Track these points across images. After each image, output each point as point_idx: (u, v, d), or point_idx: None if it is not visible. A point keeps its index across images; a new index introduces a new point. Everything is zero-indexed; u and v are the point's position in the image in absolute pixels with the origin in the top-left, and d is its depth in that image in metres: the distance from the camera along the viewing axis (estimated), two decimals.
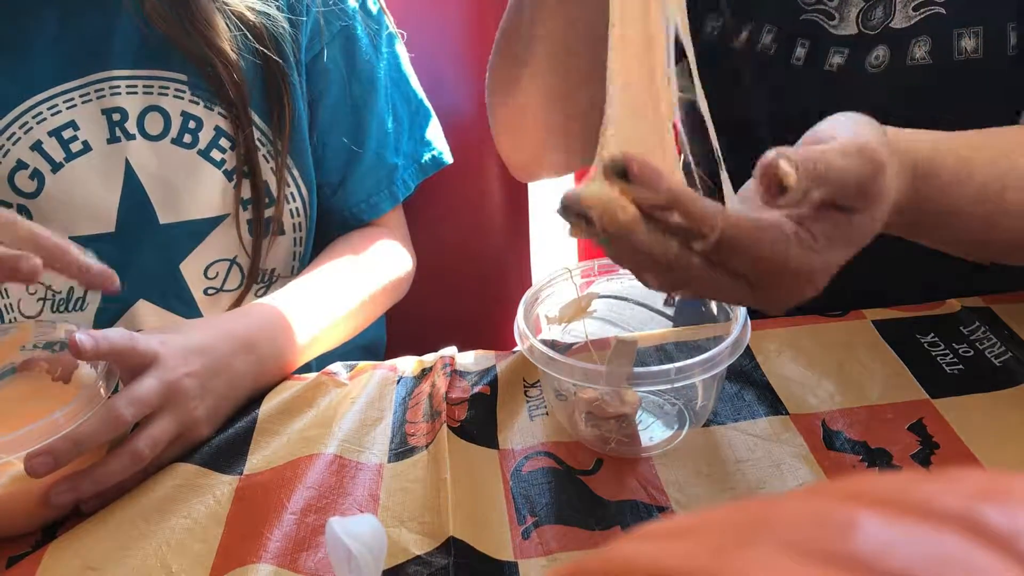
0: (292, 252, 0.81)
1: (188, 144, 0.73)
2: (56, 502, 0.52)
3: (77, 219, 0.72)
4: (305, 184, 0.79)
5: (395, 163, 0.83)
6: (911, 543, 0.16)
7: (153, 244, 0.74)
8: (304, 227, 0.80)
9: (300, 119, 0.76)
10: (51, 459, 0.51)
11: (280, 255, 0.80)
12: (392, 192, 0.83)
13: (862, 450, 0.55)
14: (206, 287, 0.77)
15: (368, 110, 0.80)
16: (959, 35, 0.63)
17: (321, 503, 0.54)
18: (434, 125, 0.87)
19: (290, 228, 0.79)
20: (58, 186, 0.71)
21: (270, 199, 0.76)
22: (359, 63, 0.79)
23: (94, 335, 0.54)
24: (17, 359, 0.60)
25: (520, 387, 0.63)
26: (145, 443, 0.54)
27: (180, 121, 0.72)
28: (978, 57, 0.63)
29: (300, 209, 0.79)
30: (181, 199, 0.74)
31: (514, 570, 0.48)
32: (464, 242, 1.00)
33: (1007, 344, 0.62)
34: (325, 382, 0.64)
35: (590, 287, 0.63)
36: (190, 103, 0.72)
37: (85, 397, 0.53)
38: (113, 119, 0.71)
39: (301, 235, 0.80)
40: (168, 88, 0.72)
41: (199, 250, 0.76)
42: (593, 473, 0.55)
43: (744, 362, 0.62)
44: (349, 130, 0.80)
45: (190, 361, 0.58)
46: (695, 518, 0.20)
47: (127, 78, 0.71)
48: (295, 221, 0.79)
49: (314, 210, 0.81)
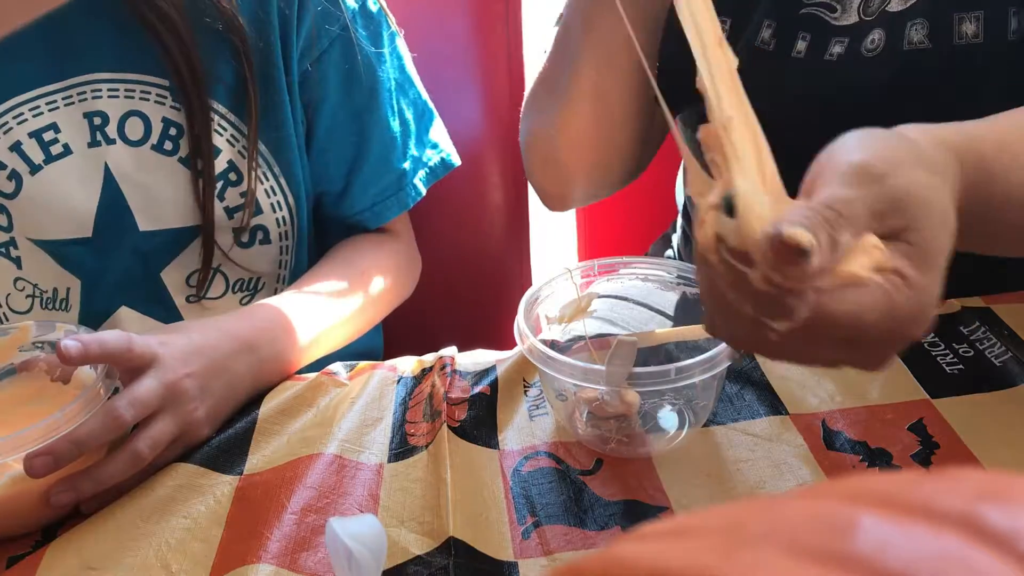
0: (279, 260, 0.79)
1: (168, 151, 0.71)
2: (56, 502, 0.52)
3: (54, 222, 0.71)
4: (292, 192, 0.77)
5: (403, 168, 0.81)
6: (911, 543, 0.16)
7: (132, 251, 0.74)
8: (291, 236, 0.79)
9: (287, 125, 0.74)
10: (51, 459, 0.51)
11: (265, 264, 0.79)
12: (400, 199, 0.81)
13: (862, 450, 0.55)
14: (188, 295, 0.77)
15: (370, 116, 0.78)
16: (960, 19, 0.63)
17: (321, 503, 0.54)
18: (439, 126, 0.85)
19: (276, 237, 0.78)
20: (36, 188, 0.70)
21: (255, 208, 0.75)
22: (360, 67, 0.77)
23: (84, 339, 0.53)
24: (16, 359, 0.60)
25: (520, 387, 0.63)
26: (145, 444, 0.54)
27: (161, 127, 0.71)
28: (979, 41, 0.63)
29: (286, 218, 0.77)
30: (160, 206, 0.73)
31: (514, 570, 0.48)
32: (464, 242, 1.00)
33: (1007, 344, 0.62)
34: (325, 382, 0.64)
35: (590, 287, 0.63)
36: (171, 109, 0.71)
37: (85, 398, 0.53)
38: (94, 122, 0.70)
39: (288, 243, 0.79)
40: (149, 93, 0.70)
41: (180, 258, 0.75)
42: (593, 473, 0.55)
43: (744, 362, 0.62)
44: (351, 137, 0.78)
45: (190, 362, 0.58)
46: (695, 518, 0.20)
47: (109, 81, 0.70)
48: (282, 230, 0.78)
49: (303, 219, 0.79)
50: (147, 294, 0.75)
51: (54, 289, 0.74)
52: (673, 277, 0.63)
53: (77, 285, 0.75)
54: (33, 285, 0.74)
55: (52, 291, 0.75)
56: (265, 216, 0.76)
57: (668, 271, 0.63)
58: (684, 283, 0.62)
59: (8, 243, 0.73)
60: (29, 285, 0.74)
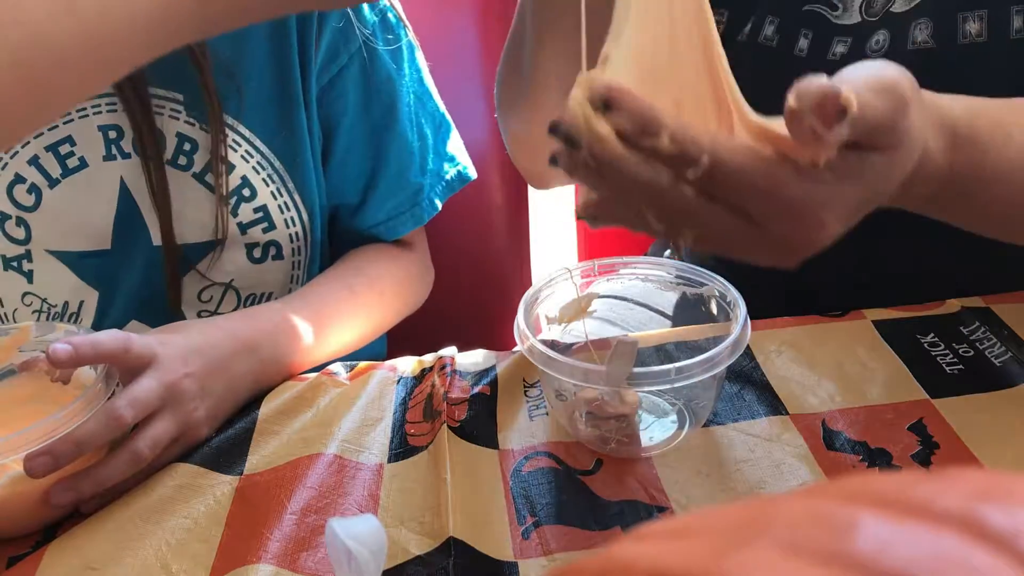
0: (291, 275, 0.79)
1: (183, 166, 0.71)
2: (56, 502, 0.52)
3: (74, 234, 0.71)
4: (307, 208, 0.76)
5: (420, 183, 0.80)
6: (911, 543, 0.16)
7: (147, 265, 0.73)
8: (304, 252, 0.78)
9: (303, 141, 0.74)
10: (51, 460, 0.51)
11: (277, 280, 0.78)
12: (415, 213, 0.81)
13: (862, 450, 0.55)
14: (200, 310, 0.76)
15: (389, 131, 0.78)
16: (963, 18, 0.63)
17: (321, 503, 0.54)
18: (455, 138, 0.84)
19: (289, 252, 0.77)
20: (55, 201, 0.70)
21: (269, 223, 0.75)
22: (379, 82, 0.76)
23: (76, 342, 0.53)
24: (17, 360, 0.60)
25: (520, 387, 0.63)
26: (145, 444, 0.54)
27: (175, 142, 0.71)
28: (983, 40, 0.63)
29: (300, 233, 0.77)
30: (175, 221, 0.72)
31: (514, 570, 0.48)
32: (464, 242, 1.00)
33: (1007, 344, 0.62)
34: (325, 382, 0.64)
35: (590, 287, 0.63)
36: (185, 124, 0.70)
37: (85, 398, 0.53)
38: (109, 136, 0.70)
39: (300, 259, 0.79)
40: (164, 107, 0.70)
41: (193, 274, 0.74)
42: (593, 473, 0.55)
43: (744, 362, 0.62)
44: (369, 152, 0.78)
45: (190, 361, 0.58)
46: (695, 518, 0.20)
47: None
48: (295, 245, 0.77)
49: (316, 233, 0.78)
50: (159, 308, 0.75)
51: (65, 303, 0.74)
52: (672, 277, 0.63)
53: (94, 297, 0.74)
54: (42, 300, 0.74)
55: (63, 305, 0.74)
56: (278, 231, 0.75)
57: (667, 271, 0.63)
58: (683, 283, 0.62)
59: (22, 256, 0.72)
60: (38, 300, 0.74)
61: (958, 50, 0.63)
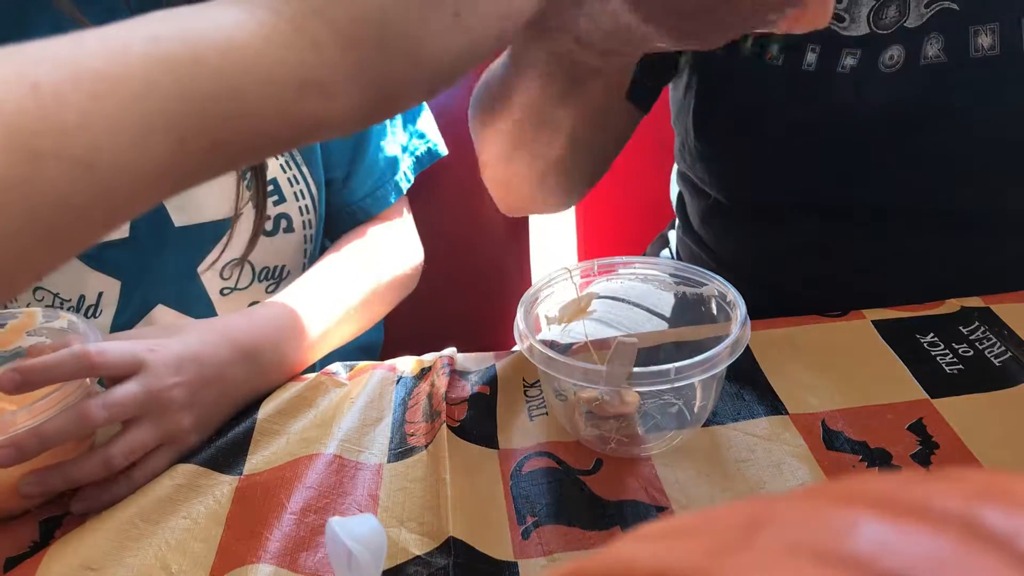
0: (303, 249, 0.81)
1: None
2: (24, 492, 0.53)
3: None
4: (314, 181, 0.79)
5: (395, 156, 0.84)
6: (910, 543, 0.16)
7: (169, 248, 0.74)
8: (313, 224, 0.81)
9: None
10: (14, 451, 0.51)
11: (289, 252, 0.80)
12: (396, 184, 0.85)
13: (862, 450, 0.55)
14: (222, 287, 0.77)
15: None
16: (975, 32, 0.63)
17: (321, 503, 0.54)
18: (426, 116, 0.88)
19: (299, 225, 0.79)
20: None
21: (280, 196, 0.76)
22: None
23: (23, 369, 0.52)
24: (25, 343, 0.60)
25: (520, 387, 0.63)
26: (119, 449, 0.54)
27: None
28: (995, 54, 0.63)
29: (309, 206, 0.79)
30: (194, 201, 0.73)
31: (514, 570, 0.48)
32: (464, 242, 1.00)
33: (1007, 344, 0.62)
34: (325, 382, 0.64)
35: (590, 287, 0.63)
36: None
37: (59, 394, 0.53)
38: None
39: (311, 232, 0.81)
40: None
41: (215, 251, 0.76)
42: (593, 473, 0.55)
43: (744, 362, 0.62)
44: None
45: (183, 369, 0.58)
46: (695, 518, 0.20)
47: None
48: (305, 218, 0.79)
49: (323, 207, 0.81)
50: (183, 290, 0.76)
51: (80, 296, 0.74)
52: (671, 277, 0.63)
53: (116, 287, 0.75)
54: (54, 295, 0.74)
55: (78, 299, 0.74)
56: (288, 204, 0.77)
57: (666, 271, 0.63)
58: (683, 283, 0.62)
59: None
60: (49, 295, 0.74)
61: (971, 63, 0.63)
